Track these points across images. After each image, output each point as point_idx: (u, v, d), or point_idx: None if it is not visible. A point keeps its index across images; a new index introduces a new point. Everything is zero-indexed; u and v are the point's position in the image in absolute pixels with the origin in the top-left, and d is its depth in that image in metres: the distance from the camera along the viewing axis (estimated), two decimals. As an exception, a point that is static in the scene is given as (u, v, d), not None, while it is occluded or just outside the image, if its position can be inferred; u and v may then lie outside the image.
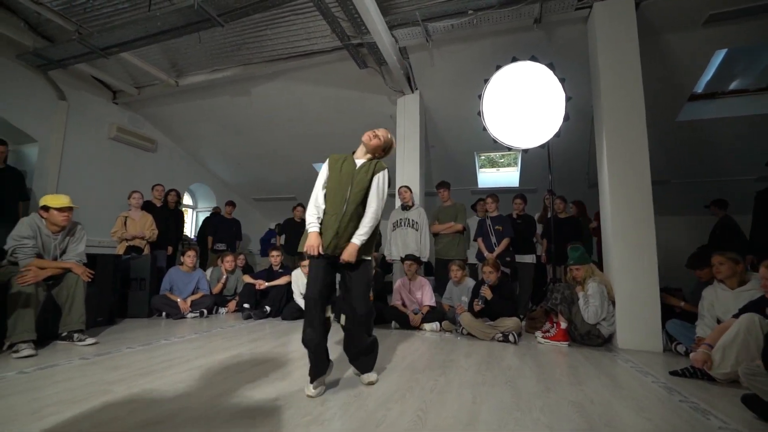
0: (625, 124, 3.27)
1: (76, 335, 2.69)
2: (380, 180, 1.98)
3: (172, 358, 2.40)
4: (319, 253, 1.86)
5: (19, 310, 2.38)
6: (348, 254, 1.84)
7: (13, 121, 4.79)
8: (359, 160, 2.03)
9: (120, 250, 4.38)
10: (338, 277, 2.00)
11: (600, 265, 3.73)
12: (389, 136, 2.11)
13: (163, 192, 5.13)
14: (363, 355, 2.00)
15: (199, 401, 1.66)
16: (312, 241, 1.86)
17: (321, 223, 1.93)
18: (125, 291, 4.08)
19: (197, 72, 5.32)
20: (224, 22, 3.77)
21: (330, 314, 1.91)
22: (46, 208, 2.64)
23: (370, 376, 1.99)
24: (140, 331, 3.30)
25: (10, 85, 4.73)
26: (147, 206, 4.96)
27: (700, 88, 4.47)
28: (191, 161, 7.45)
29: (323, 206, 1.95)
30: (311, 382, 1.80)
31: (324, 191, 1.98)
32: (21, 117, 4.85)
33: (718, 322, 2.53)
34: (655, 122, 3.24)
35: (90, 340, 2.68)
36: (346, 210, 1.89)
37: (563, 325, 3.18)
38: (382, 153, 2.11)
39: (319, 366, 1.83)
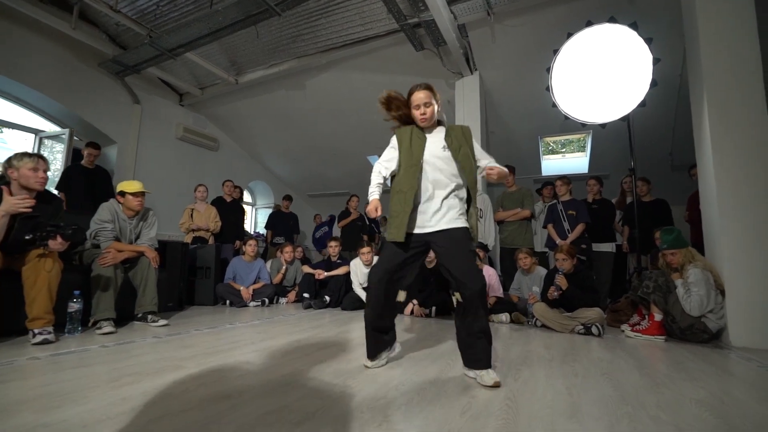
0: (733, 87, 2.73)
1: (150, 316, 2.79)
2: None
3: (237, 340, 2.39)
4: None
5: (100, 290, 2.50)
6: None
7: (97, 125, 5.23)
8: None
9: (187, 240, 4.58)
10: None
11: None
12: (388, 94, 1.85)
13: (232, 187, 5.31)
14: (479, 342, 1.63)
15: (266, 379, 1.58)
16: None
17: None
18: (192, 279, 4.24)
19: (255, 68, 5.47)
20: (281, 11, 3.80)
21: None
22: (122, 194, 2.78)
23: (491, 375, 1.57)
24: (207, 317, 3.39)
25: (94, 91, 5.17)
26: (217, 201, 5.16)
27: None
28: (250, 159, 7.74)
29: None
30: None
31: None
32: (103, 120, 5.29)
33: None
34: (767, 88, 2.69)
35: (162, 322, 2.77)
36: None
37: (658, 317, 2.77)
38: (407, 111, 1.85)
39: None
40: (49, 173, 2.25)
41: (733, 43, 2.77)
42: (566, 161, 6.35)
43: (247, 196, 8.22)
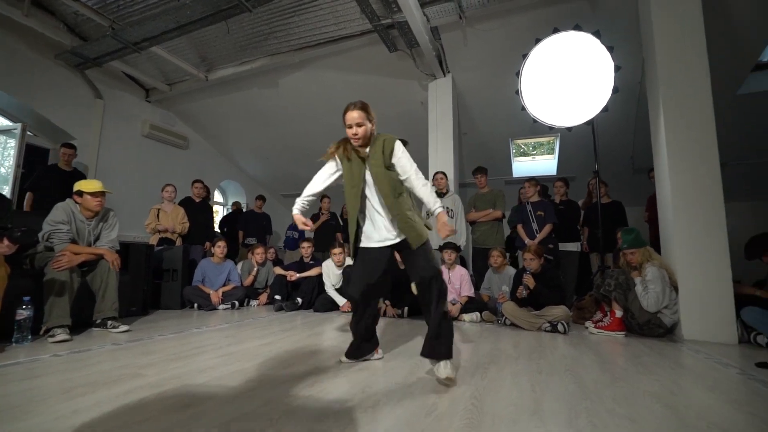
0: (686, 96, 2.90)
1: (109, 322, 2.65)
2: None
3: (203, 345, 2.32)
4: None
5: (54, 296, 2.36)
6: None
7: (54, 120, 4.94)
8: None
9: (153, 241, 4.41)
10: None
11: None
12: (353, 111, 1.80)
13: (202, 188, 5.14)
14: (439, 330, 1.67)
15: (230, 385, 1.54)
16: None
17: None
18: (158, 282, 4.09)
19: (226, 65, 5.33)
20: (252, 8, 3.72)
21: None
22: (80, 193, 2.63)
23: (447, 368, 1.59)
24: (172, 321, 3.27)
25: (50, 85, 4.89)
26: (185, 202, 4.98)
27: (766, 56, 4.03)
28: (221, 158, 7.54)
29: None
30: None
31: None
32: (60, 115, 5.00)
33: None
34: (713, 96, 2.87)
35: (123, 328, 2.64)
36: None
37: (618, 313, 2.90)
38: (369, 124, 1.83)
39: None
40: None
41: (685, 57, 2.95)
42: (536, 163, 6.54)
43: (218, 196, 8.01)
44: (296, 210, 1.92)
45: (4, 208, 2.20)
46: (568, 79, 3.56)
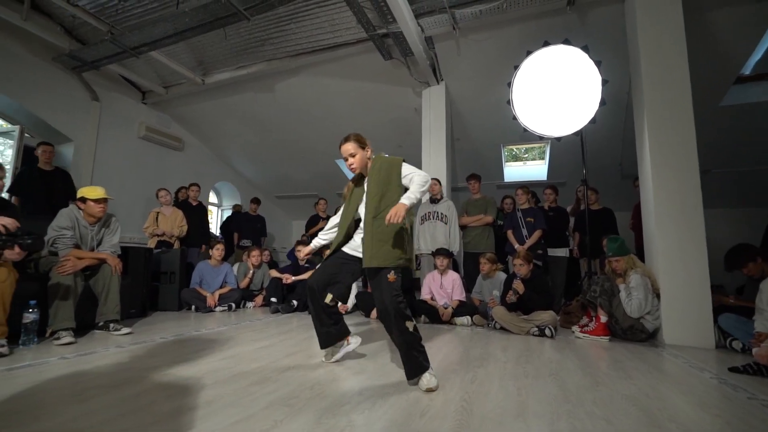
0: (669, 108, 3.06)
1: (112, 325, 2.73)
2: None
3: (203, 348, 2.40)
4: None
5: (59, 300, 2.43)
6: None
7: (51, 122, 4.96)
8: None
9: (151, 244, 4.47)
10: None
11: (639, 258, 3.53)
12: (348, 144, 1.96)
13: (198, 192, 5.19)
14: (405, 354, 1.74)
15: (233, 388, 1.63)
16: None
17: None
18: (156, 284, 4.14)
19: (222, 69, 5.38)
20: (250, 16, 3.79)
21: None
22: (83, 200, 2.70)
23: (424, 381, 1.67)
24: (171, 323, 3.34)
25: (47, 87, 4.90)
26: (182, 204, 5.03)
27: (748, 69, 4.20)
28: (217, 160, 7.57)
29: None
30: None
31: None
32: (57, 117, 5.02)
33: (780, 315, 2.34)
34: (697, 107, 3.02)
35: (125, 330, 2.72)
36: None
37: (603, 319, 3.02)
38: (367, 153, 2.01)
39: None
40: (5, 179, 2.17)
41: (668, 71, 3.10)
42: (527, 168, 6.68)
43: (213, 197, 8.04)
44: (319, 242, 2.26)
45: (15, 216, 2.25)
46: (557, 90, 3.68)
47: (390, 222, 1.67)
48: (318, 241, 2.27)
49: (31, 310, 2.26)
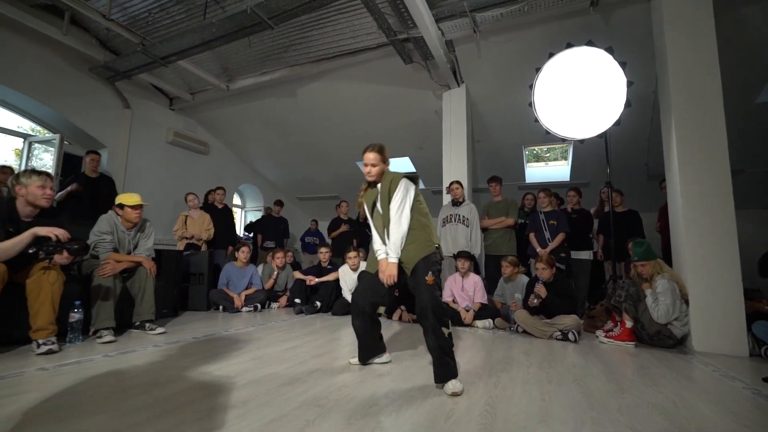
0: (698, 109, 2.98)
1: (147, 324, 2.88)
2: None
3: (234, 348, 2.51)
4: None
5: (100, 300, 2.59)
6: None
7: (87, 129, 5.23)
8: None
9: (180, 246, 4.65)
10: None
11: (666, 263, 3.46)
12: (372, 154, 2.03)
13: (224, 195, 5.38)
14: (436, 358, 1.80)
15: (266, 388, 1.71)
16: None
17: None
18: (186, 285, 4.32)
19: (246, 76, 5.54)
20: (274, 25, 3.89)
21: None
22: (121, 206, 2.86)
23: (449, 386, 1.71)
24: (201, 323, 3.48)
25: (84, 96, 5.17)
26: (209, 208, 5.22)
27: (783, 66, 4.03)
28: (240, 163, 7.79)
29: None
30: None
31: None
32: (93, 125, 5.29)
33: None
34: (730, 105, 2.93)
35: (159, 330, 2.87)
36: None
37: (629, 324, 2.98)
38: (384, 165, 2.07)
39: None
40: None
41: (697, 70, 3.01)
42: (549, 169, 6.59)
43: (237, 200, 8.27)
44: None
45: (62, 224, 2.41)
46: (580, 92, 3.63)
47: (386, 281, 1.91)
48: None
49: (76, 310, 2.41)
